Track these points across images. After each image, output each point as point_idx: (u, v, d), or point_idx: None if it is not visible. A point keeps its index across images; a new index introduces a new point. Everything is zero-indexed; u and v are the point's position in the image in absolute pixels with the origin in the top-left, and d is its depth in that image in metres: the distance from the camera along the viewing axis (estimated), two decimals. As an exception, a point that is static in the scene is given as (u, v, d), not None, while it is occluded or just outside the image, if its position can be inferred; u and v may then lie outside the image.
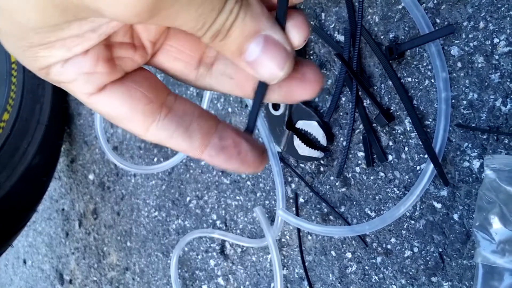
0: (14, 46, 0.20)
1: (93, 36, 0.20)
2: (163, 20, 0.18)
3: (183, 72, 0.25)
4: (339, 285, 0.57)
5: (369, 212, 0.54)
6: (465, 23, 0.45)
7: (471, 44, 0.44)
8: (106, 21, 0.19)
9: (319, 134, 0.56)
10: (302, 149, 0.57)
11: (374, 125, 0.52)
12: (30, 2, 0.17)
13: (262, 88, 0.23)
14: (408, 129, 0.50)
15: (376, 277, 0.53)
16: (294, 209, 0.62)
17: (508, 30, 0.42)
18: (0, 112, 0.92)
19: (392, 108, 0.51)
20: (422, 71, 0.48)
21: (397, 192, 0.51)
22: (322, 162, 0.58)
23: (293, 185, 0.63)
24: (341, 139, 0.56)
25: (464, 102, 0.45)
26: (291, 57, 0.21)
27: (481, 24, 0.44)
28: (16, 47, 0.20)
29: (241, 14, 0.19)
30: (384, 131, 0.52)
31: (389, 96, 0.51)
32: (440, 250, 0.48)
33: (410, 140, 0.50)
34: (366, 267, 0.54)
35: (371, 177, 0.53)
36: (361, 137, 0.54)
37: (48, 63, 0.20)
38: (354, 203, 0.55)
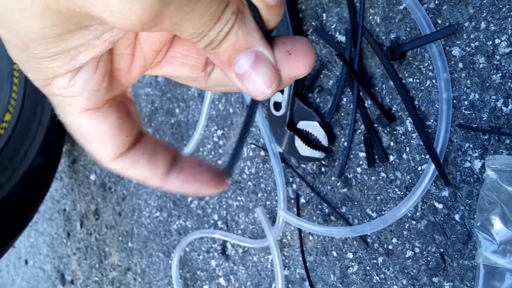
0: (17, 56, 0.19)
1: (97, 43, 0.20)
2: (165, 28, 0.18)
3: (191, 76, 0.25)
4: (340, 285, 0.57)
5: (370, 212, 0.54)
6: (466, 24, 0.45)
7: (472, 44, 0.44)
8: (110, 27, 0.19)
9: (320, 135, 0.56)
10: (304, 149, 0.57)
11: (375, 125, 0.53)
12: (29, 11, 0.16)
13: (252, 109, 0.23)
14: (410, 129, 0.50)
15: (378, 278, 0.53)
16: (295, 209, 0.62)
17: (509, 30, 0.42)
18: (1, 113, 0.93)
19: (393, 108, 0.51)
20: (424, 72, 0.48)
21: (398, 192, 0.51)
22: (323, 162, 0.58)
23: (294, 186, 0.63)
24: (342, 139, 0.56)
25: (466, 102, 0.45)
26: (279, 77, 0.21)
27: (483, 25, 0.44)
28: (20, 58, 0.19)
29: (236, 26, 0.19)
30: (385, 131, 0.52)
31: (391, 97, 0.51)
32: (442, 250, 0.48)
33: (411, 141, 0.50)
34: (367, 268, 0.54)
35: (372, 178, 0.53)
36: (362, 138, 0.54)
37: (52, 74, 0.20)
38: (355, 203, 0.55)
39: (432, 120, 0.48)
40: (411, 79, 0.49)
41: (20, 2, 0.16)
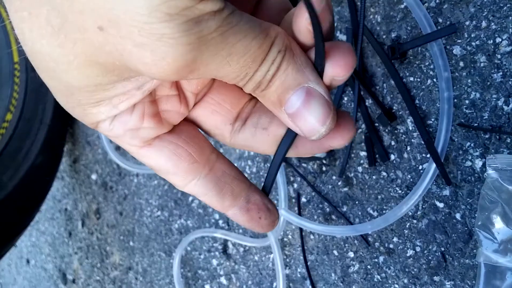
0: (65, 102, 0.20)
1: (137, 93, 0.20)
2: (203, 74, 0.18)
3: (218, 127, 0.24)
4: (341, 284, 0.58)
5: (371, 211, 0.54)
6: (467, 23, 0.45)
7: (473, 43, 0.44)
8: (149, 79, 0.20)
9: (321, 134, 0.56)
10: (304, 148, 0.57)
11: (376, 124, 0.53)
12: (73, 63, 0.17)
13: (288, 140, 0.22)
14: (410, 128, 0.50)
15: (379, 277, 0.53)
16: (296, 208, 0.62)
17: (510, 29, 0.42)
18: (3, 113, 0.93)
19: (394, 107, 0.51)
20: (424, 71, 0.48)
21: (400, 191, 0.51)
22: (324, 161, 0.59)
23: (295, 185, 0.63)
24: (343, 138, 0.56)
25: (466, 101, 0.45)
26: (334, 112, 0.20)
27: (484, 24, 0.44)
28: (67, 103, 0.20)
29: (284, 65, 0.19)
30: (386, 130, 0.52)
31: (391, 96, 0.51)
32: (443, 249, 0.48)
33: (412, 140, 0.50)
34: (369, 267, 0.54)
35: (373, 177, 0.53)
36: (363, 137, 0.54)
37: (96, 119, 0.21)
38: (357, 202, 0.55)
39: (433, 119, 0.48)
40: (412, 78, 0.49)
41: (65, 55, 0.17)
